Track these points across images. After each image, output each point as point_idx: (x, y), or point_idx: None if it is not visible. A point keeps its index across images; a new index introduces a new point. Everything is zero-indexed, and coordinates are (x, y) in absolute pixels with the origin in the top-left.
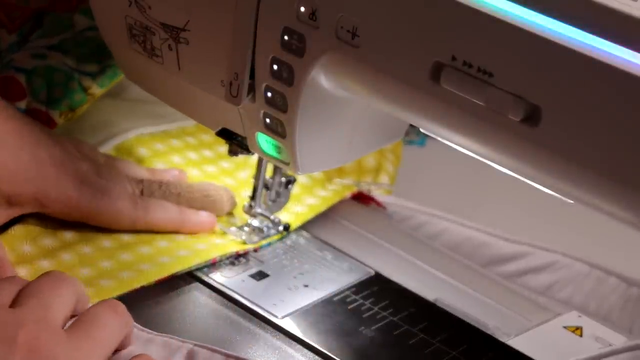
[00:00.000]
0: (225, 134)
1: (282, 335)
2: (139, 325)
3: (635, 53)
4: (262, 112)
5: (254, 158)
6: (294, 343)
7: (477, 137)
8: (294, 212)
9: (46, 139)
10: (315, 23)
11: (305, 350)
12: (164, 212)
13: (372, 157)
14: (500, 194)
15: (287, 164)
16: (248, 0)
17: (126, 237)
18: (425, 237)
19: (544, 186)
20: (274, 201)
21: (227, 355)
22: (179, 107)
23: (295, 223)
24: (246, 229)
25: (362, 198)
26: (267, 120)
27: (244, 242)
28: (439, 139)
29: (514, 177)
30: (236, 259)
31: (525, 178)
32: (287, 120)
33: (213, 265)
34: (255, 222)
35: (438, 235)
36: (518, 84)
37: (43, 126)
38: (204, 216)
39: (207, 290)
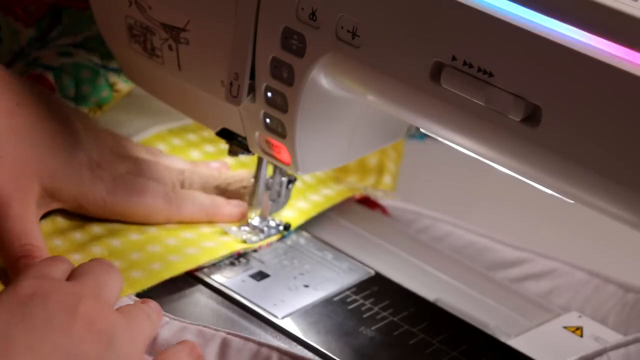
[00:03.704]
0: (225, 134)
1: (282, 336)
2: (171, 315)
3: (636, 53)
4: (262, 112)
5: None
6: (294, 343)
7: (477, 137)
8: (297, 207)
9: (85, 139)
10: (315, 23)
11: (306, 351)
12: (196, 205)
13: (374, 155)
14: (502, 194)
15: (287, 164)
16: (248, 1)
17: (153, 230)
18: (428, 240)
19: (544, 186)
20: (274, 201)
21: (260, 344)
22: (179, 107)
23: (296, 220)
24: (246, 228)
25: (369, 203)
26: (267, 120)
27: (244, 242)
28: (439, 138)
29: (516, 178)
30: (236, 259)
31: (526, 178)
32: (287, 120)
33: (214, 265)
34: (255, 222)
35: (441, 239)
36: (518, 84)
37: (85, 124)
38: (234, 205)
39: (208, 290)
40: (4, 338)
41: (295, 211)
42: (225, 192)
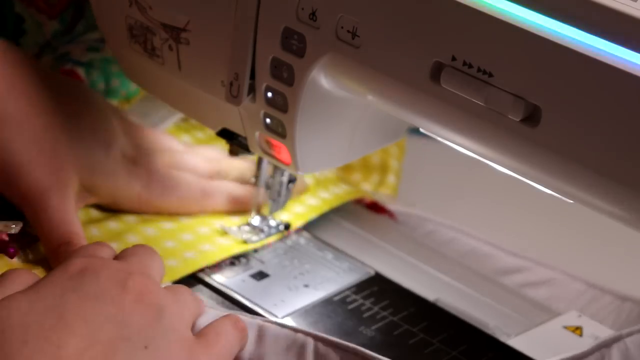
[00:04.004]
0: (225, 134)
1: None
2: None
3: (636, 53)
4: (262, 112)
5: None
6: None
7: (477, 137)
8: (294, 212)
9: (120, 134)
10: (315, 23)
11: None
12: (231, 196)
13: (376, 153)
14: (503, 192)
15: (287, 164)
16: (248, 1)
17: (185, 220)
18: (431, 245)
19: (544, 186)
20: (274, 201)
21: (295, 330)
22: (179, 107)
23: (294, 223)
24: (246, 228)
25: (376, 208)
26: (268, 120)
27: (244, 242)
28: (440, 138)
29: (515, 176)
30: (236, 258)
31: (525, 178)
32: (287, 120)
33: (214, 265)
34: (255, 222)
35: (444, 245)
36: (518, 84)
37: (119, 118)
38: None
39: (208, 290)
40: (58, 308)
41: (292, 215)
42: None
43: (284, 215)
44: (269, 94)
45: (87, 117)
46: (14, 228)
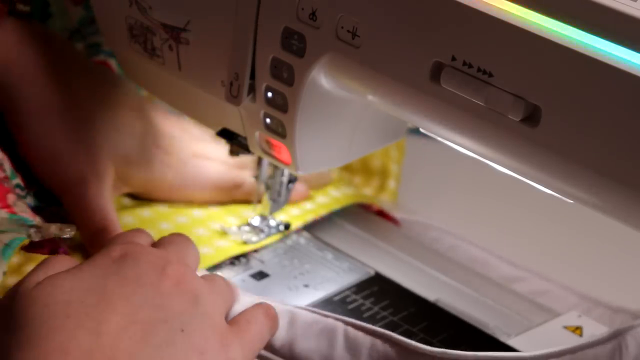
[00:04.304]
0: (225, 134)
1: None
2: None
3: (636, 53)
4: (262, 112)
5: None
6: None
7: (477, 137)
8: (291, 214)
9: (154, 125)
10: (315, 23)
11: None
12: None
13: (377, 158)
14: (504, 191)
15: (287, 163)
16: (248, 1)
17: (214, 209)
18: (433, 251)
19: (544, 186)
20: (274, 200)
21: (325, 315)
22: (179, 107)
23: (292, 224)
24: (246, 228)
25: (383, 215)
26: (268, 120)
27: (244, 242)
28: (440, 138)
29: (516, 177)
30: (236, 258)
31: (525, 178)
32: (287, 120)
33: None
34: (255, 222)
35: (445, 252)
36: (518, 84)
37: (153, 109)
38: (299, 184)
39: None
40: (100, 289)
41: (289, 217)
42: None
43: (282, 216)
44: (269, 94)
45: (122, 107)
46: (69, 232)
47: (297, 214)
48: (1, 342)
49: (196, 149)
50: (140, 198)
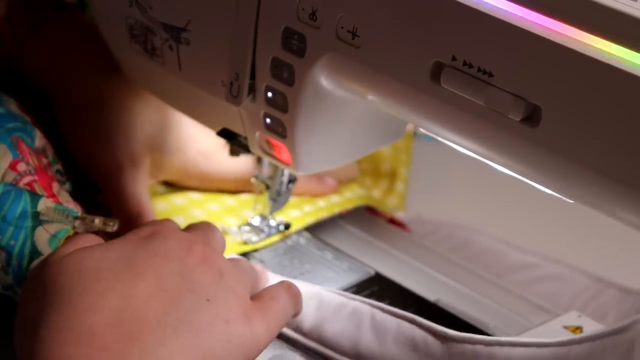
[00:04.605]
0: (225, 134)
1: (282, 336)
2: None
3: (636, 53)
4: (262, 112)
5: None
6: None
7: (477, 137)
8: (290, 217)
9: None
10: (315, 23)
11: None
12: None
13: (387, 160)
14: (505, 192)
15: (287, 163)
16: (249, 1)
17: (243, 196)
18: (432, 244)
19: (544, 186)
20: (274, 200)
21: (353, 299)
22: (179, 107)
23: (303, 219)
24: (246, 228)
25: (394, 222)
26: (268, 120)
27: (244, 242)
28: (440, 139)
29: (517, 177)
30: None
31: (526, 178)
32: (287, 120)
33: None
34: (255, 222)
35: (461, 247)
36: (518, 83)
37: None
38: (328, 178)
39: None
40: (129, 259)
41: (288, 219)
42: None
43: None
44: (269, 94)
45: (156, 98)
46: (112, 226)
47: (297, 216)
48: (33, 307)
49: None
50: (174, 185)
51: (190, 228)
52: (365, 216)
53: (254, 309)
